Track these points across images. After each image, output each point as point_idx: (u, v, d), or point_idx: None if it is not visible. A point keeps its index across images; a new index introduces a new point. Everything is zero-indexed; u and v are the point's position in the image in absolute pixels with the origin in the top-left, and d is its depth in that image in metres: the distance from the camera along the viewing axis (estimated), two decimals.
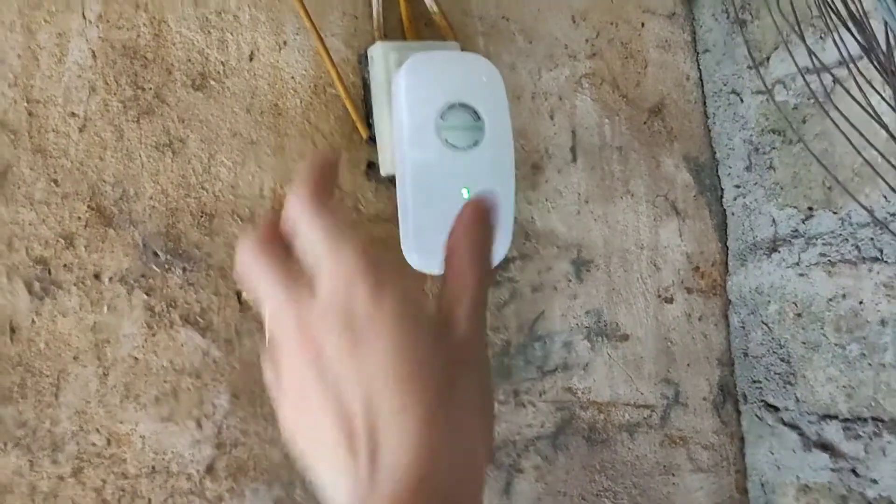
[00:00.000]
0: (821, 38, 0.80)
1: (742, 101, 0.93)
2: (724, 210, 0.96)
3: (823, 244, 0.85)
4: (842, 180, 0.80)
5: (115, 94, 0.71)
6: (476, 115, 0.70)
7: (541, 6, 0.90)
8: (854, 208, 0.80)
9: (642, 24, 0.95)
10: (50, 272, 0.68)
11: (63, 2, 0.70)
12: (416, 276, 0.71)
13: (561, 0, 0.91)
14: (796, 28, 0.79)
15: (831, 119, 0.74)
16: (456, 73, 0.71)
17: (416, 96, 0.69)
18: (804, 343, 0.87)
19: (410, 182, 0.70)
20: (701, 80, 0.97)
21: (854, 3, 0.65)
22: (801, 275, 0.87)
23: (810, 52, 0.77)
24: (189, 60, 0.74)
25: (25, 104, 0.68)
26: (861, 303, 0.81)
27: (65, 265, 0.68)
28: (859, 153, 0.72)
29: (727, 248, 0.96)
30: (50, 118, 0.69)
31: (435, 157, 0.69)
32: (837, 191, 0.83)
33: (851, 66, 0.69)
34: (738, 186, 0.94)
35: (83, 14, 0.71)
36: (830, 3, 0.67)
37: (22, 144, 0.68)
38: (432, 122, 0.69)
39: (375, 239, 0.79)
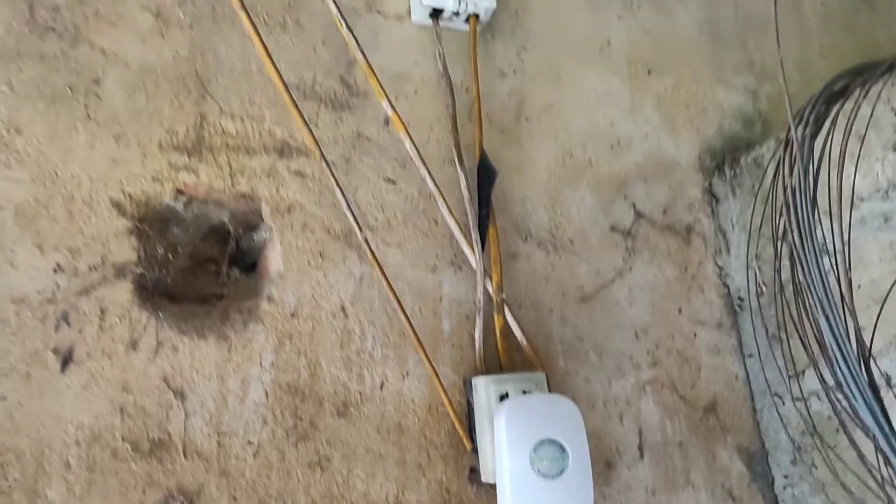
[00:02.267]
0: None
1: (784, 403, 1.09)
2: (776, 497, 1.10)
3: None
4: (874, 486, 0.95)
5: (280, 424, 0.92)
6: (562, 448, 0.88)
7: (608, 326, 1.10)
8: None
9: (694, 334, 1.14)
10: None
11: (246, 354, 0.93)
12: None
13: (625, 319, 1.11)
14: (820, 357, 0.96)
15: (849, 438, 0.90)
16: (545, 413, 0.90)
17: (513, 434, 0.88)
18: None
19: (509, 500, 0.88)
20: (748, 379, 1.15)
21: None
22: None
23: (826, 380, 0.94)
24: (335, 392, 0.96)
25: (216, 437, 0.90)
26: None
27: None
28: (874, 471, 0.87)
29: None
30: (232, 447, 0.90)
31: (528, 482, 0.87)
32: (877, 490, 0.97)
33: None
34: (786, 477, 1.09)
35: (260, 363, 0.93)
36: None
37: (212, 469, 0.89)
38: (527, 454, 0.87)
39: None
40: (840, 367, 0.71)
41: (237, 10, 0.96)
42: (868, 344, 0.89)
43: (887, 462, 0.72)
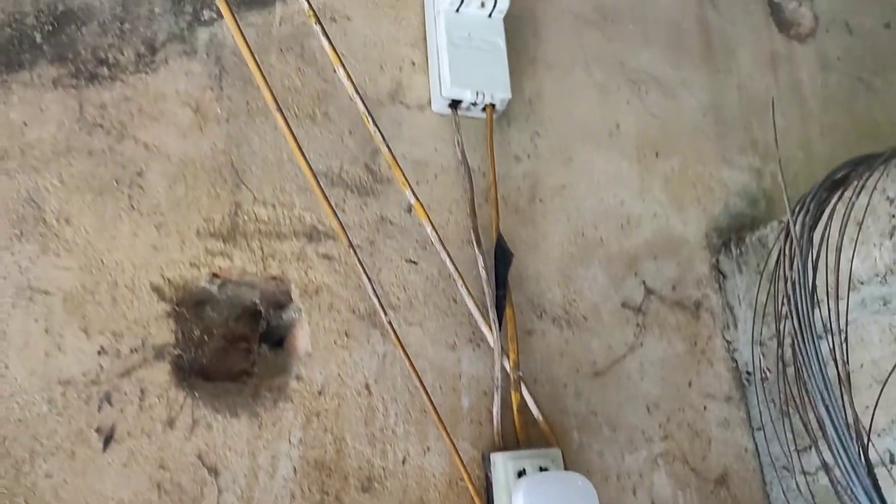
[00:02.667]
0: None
1: (793, 477, 1.13)
2: None
3: None
4: None
5: (307, 499, 0.97)
6: None
7: (621, 401, 1.15)
8: None
9: (704, 408, 1.19)
10: None
11: (276, 431, 0.98)
12: None
13: (637, 393, 1.16)
14: (820, 436, 1.00)
15: None
16: (561, 491, 0.94)
17: None
18: None
19: None
20: (757, 452, 1.18)
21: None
22: None
23: (825, 460, 0.98)
24: (360, 468, 1.00)
25: None
26: None
27: None
28: None
29: None
30: None
31: None
32: None
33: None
34: None
35: (289, 440, 0.98)
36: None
37: None
38: None
39: None
40: (838, 452, 0.75)
41: (270, 106, 1.03)
42: (869, 423, 0.93)
43: None
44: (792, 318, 0.83)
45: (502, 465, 1.00)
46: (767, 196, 1.35)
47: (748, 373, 1.20)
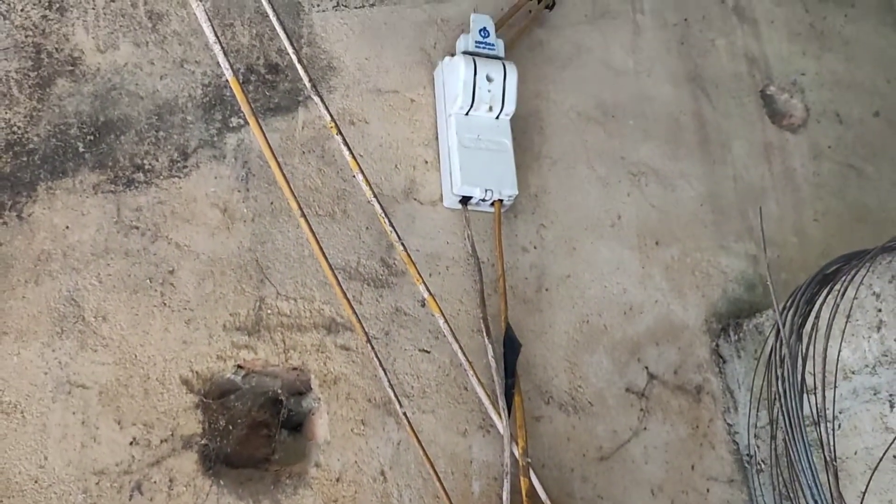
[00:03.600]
0: None
1: None
2: None
3: None
4: None
5: None
6: None
7: (626, 484, 1.19)
8: None
9: (707, 490, 1.23)
10: None
11: None
12: None
13: (642, 477, 1.20)
14: None
15: None
16: None
17: None
18: None
19: None
20: None
21: None
22: None
23: None
24: None
25: None
26: None
27: None
28: None
29: None
30: None
31: None
32: None
33: None
34: None
35: None
36: None
37: None
38: None
39: None
40: None
41: (293, 211, 1.11)
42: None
43: None
44: (781, 413, 0.88)
45: None
46: (764, 282, 1.41)
47: (749, 456, 1.25)
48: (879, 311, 1.07)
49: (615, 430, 1.22)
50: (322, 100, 1.10)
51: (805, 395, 0.94)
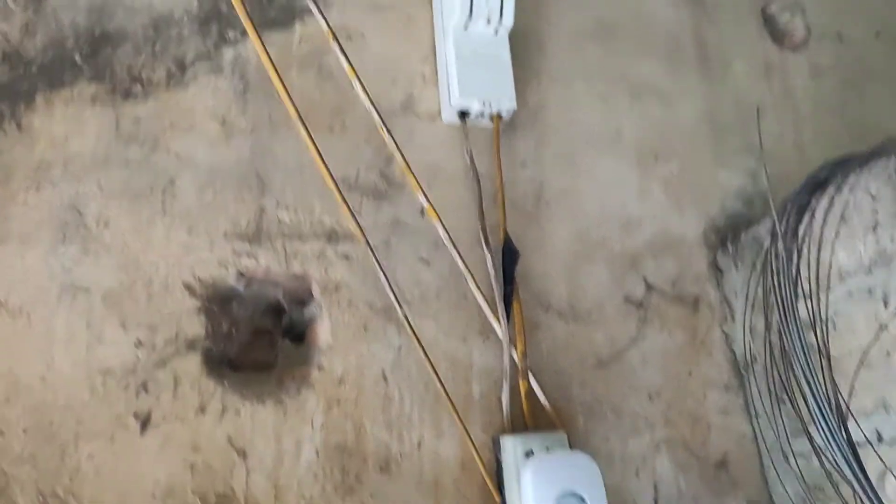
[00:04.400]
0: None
1: (788, 460, 1.18)
2: None
3: None
4: None
5: (329, 479, 1.04)
6: (582, 500, 0.98)
7: (624, 390, 1.21)
8: None
9: (704, 395, 1.25)
10: None
11: (300, 417, 1.06)
12: None
13: (639, 383, 1.22)
14: (808, 419, 1.06)
15: (835, 489, 0.99)
16: (567, 468, 1.01)
17: (538, 488, 0.99)
18: None
19: None
20: (755, 437, 1.24)
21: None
22: None
23: (817, 446, 1.04)
24: (378, 451, 1.07)
25: (274, 491, 1.01)
26: None
27: None
28: None
29: None
30: (289, 500, 1.02)
31: None
32: None
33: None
34: None
35: (312, 425, 1.06)
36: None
37: None
38: None
39: None
40: (821, 427, 0.81)
41: (292, 117, 1.11)
42: (848, 398, 0.99)
43: None
44: (777, 307, 0.89)
45: (511, 446, 1.07)
46: (762, 196, 1.42)
47: (745, 362, 1.26)
48: (875, 211, 1.08)
49: (613, 338, 1.24)
50: (317, 5, 1.09)
51: (801, 299, 0.95)
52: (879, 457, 0.99)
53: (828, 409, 0.84)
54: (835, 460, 0.95)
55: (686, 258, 1.34)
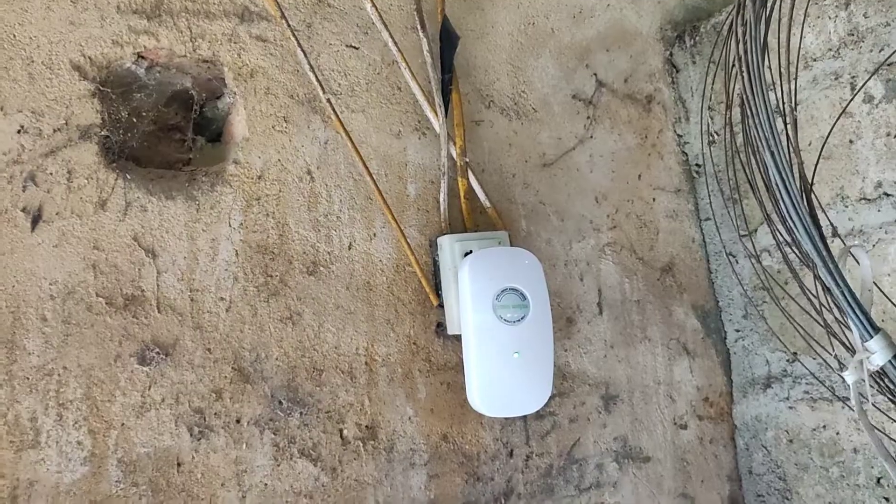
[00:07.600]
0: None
1: (737, 262, 1.14)
2: (728, 350, 1.16)
3: (807, 383, 1.04)
4: (816, 334, 1.00)
5: (251, 281, 0.95)
6: (523, 296, 0.92)
7: (570, 191, 1.13)
8: (827, 357, 1.00)
9: (653, 199, 1.18)
10: (205, 419, 0.90)
11: (215, 214, 0.95)
12: None
13: (586, 185, 1.14)
14: (775, 212, 1.00)
15: (794, 274, 0.95)
16: (507, 264, 0.94)
17: (477, 283, 0.92)
18: (796, 465, 1.05)
19: (474, 346, 0.92)
20: (704, 242, 1.19)
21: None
22: (791, 408, 1.06)
23: (780, 234, 0.99)
24: (304, 252, 0.98)
25: (189, 293, 0.93)
26: (837, 433, 1.00)
27: (215, 413, 0.91)
28: (822, 319, 0.93)
29: (731, 382, 1.15)
30: (205, 302, 0.93)
31: (492, 328, 0.91)
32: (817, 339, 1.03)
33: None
34: (737, 331, 1.14)
35: (229, 223, 0.96)
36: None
37: (186, 323, 0.92)
38: (490, 302, 0.91)
39: (443, 383, 1.01)
40: (783, 199, 0.74)
41: None
42: (811, 183, 0.93)
43: (825, 289, 0.77)
44: (742, 74, 0.80)
45: (449, 246, 0.99)
46: None
47: (698, 165, 1.19)
48: None
49: (560, 137, 1.15)
50: None
51: (767, 52, 0.86)
52: (843, 240, 0.94)
53: (797, 196, 0.77)
54: (794, 235, 0.89)
55: (640, 53, 1.23)
